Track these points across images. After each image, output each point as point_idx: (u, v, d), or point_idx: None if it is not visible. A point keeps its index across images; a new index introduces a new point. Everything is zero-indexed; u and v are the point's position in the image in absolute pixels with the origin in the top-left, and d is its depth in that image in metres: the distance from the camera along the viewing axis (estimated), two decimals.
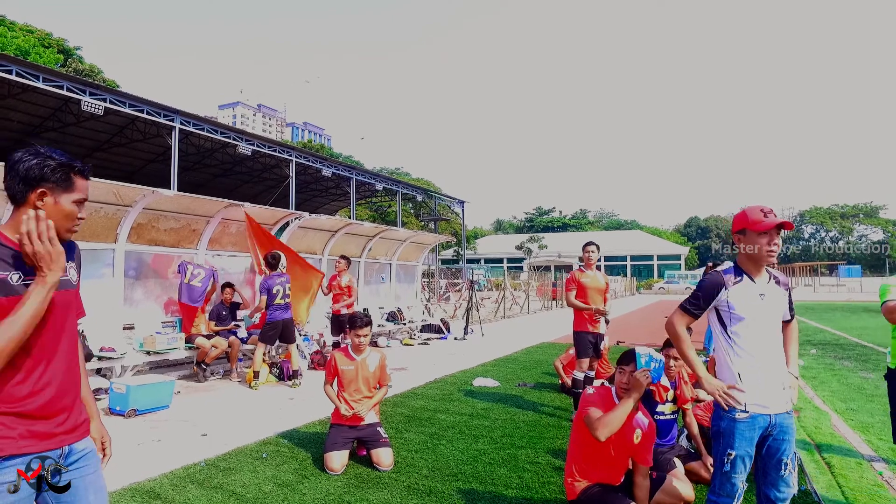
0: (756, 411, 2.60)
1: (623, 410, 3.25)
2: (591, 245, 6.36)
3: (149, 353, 7.37)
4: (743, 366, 2.65)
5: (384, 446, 4.48)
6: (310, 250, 11.08)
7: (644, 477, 3.43)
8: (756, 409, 2.61)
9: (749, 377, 2.63)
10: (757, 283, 2.70)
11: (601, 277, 6.40)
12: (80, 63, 41.87)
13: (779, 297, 2.74)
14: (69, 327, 1.84)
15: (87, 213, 6.81)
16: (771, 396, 2.62)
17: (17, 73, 14.63)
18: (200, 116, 21.34)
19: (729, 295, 2.69)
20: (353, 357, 4.75)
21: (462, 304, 20.02)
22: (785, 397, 2.66)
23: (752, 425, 2.61)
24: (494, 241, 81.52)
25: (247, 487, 4.00)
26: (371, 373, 4.74)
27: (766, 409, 2.60)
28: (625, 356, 3.56)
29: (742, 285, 2.69)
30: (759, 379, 2.62)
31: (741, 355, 2.66)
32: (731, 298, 2.68)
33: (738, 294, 2.68)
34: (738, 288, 2.69)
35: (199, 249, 8.78)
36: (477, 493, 3.98)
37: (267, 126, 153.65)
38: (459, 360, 9.96)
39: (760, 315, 2.66)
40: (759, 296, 2.67)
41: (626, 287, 48.26)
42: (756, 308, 2.66)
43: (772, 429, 2.64)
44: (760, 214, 2.65)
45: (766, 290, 2.70)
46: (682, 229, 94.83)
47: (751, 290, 2.69)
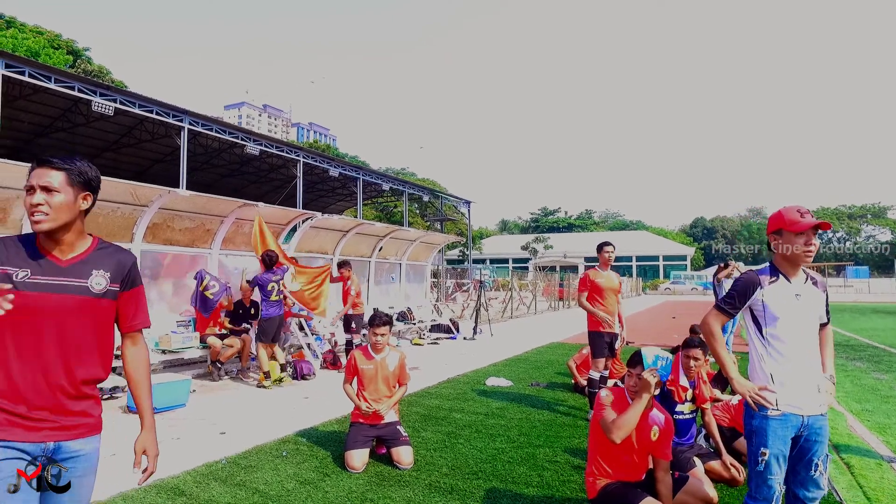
0: (789, 411, 2.59)
1: (635, 412, 3.26)
2: (609, 245, 6.34)
3: (164, 351, 7.42)
4: (776, 367, 2.64)
5: (404, 444, 4.50)
6: (321, 250, 11.12)
7: (665, 472, 3.44)
8: (788, 409, 2.59)
9: (782, 378, 2.62)
10: (793, 283, 2.69)
11: (615, 277, 6.38)
12: (90, 64, 42.11)
13: (815, 298, 2.71)
14: (67, 333, 1.81)
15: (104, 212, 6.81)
16: (805, 397, 2.61)
17: (29, 73, 14.71)
18: (209, 117, 21.41)
19: (764, 295, 2.68)
20: (372, 356, 4.77)
21: (469, 304, 20.05)
22: (819, 399, 2.64)
23: (785, 424, 2.60)
24: (500, 241, 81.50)
25: (269, 485, 4.03)
26: (391, 372, 4.76)
27: (799, 410, 2.59)
28: (632, 358, 3.58)
29: (777, 285, 2.68)
30: (792, 379, 2.61)
31: (775, 357, 2.65)
32: (767, 298, 2.67)
33: (773, 294, 2.67)
34: (774, 288, 2.67)
35: (212, 249, 8.83)
36: (498, 491, 4.00)
37: (272, 126, 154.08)
38: (471, 360, 9.98)
39: (796, 315, 2.64)
40: (794, 296, 2.65)
41: (632, 287, 48.20)
42: (791, 308, 2.64)
43: (804, 430, 2.62)
44: (797, 215, 2.64)
45: (802, 291, 2.67)
46: (688, 230, 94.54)
47: (787, 290, 2.67)
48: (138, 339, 2.09)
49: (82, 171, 1.87)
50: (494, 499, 3.86)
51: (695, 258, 74.37)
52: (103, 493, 3.78)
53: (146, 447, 2.06)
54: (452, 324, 14.07)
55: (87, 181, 1.88)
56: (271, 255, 7.95)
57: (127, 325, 2.04)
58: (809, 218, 2.63)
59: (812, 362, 2.66)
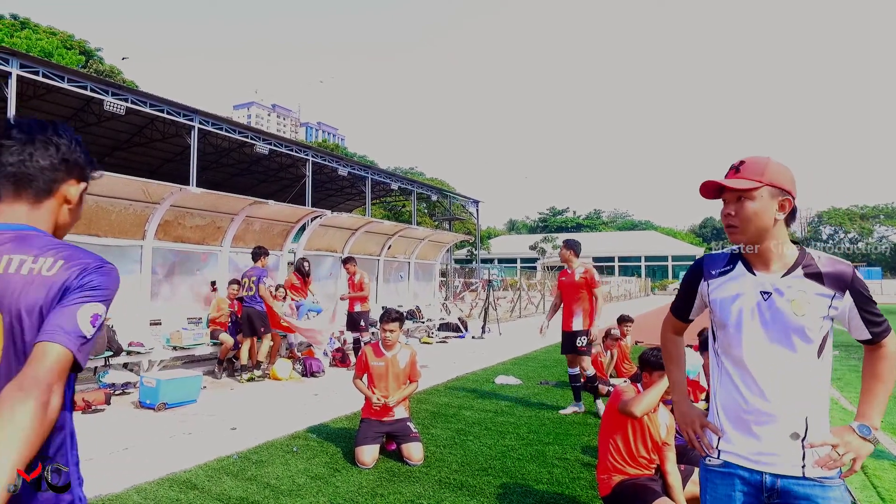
0: (735, 462, 1.79)
1: (657, 391, 3.35)
2: (566, 241, 6.40)
3: (175, 348, 7.48)
4: (724, 396, 1.83)
5: (414, 441, 4.52)
6: (330, 248, 11.16)
7: (674, 464, 3.46)
8: (733, 458, 1.79)
9: (732, 413, 1.80)
10: (760, 274, 1.77)
11: (578, 274, 6.21)
12: (101, 64, 42.48)
13: (808, 299, 1.70)
14: None
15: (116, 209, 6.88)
16: (763, 445, 1.74)
17: (43, 74, 14.87)
18: (219, 116, 21.55)
19: (709, 290, 1.88)
20: (382, 353, 4.78)
21: (478, 303, 20.06)
22: (796, 453, 1.71)
23: (728, 481, 1.80)
24: (508, 241, 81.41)
25: (280, 480, 4.05)
26: (401, 369, 4.76)
27: (753, 464, 1.76)
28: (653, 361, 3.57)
29: (728, 278, 1.83)
30: (746, 418, 1.77)
31: (724, 381, 1.84)
32: (713, 294, 1.86)
33: (720, 289, 1.84)
34: (721, 281, 1.85)
35: (223, 247, 8.89)
36: (508, 487, 4.00)
37: (281, 126, 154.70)
38: (479, 359, 9.98)
39: (756, 323, 1.75)
40: (758, 294, 1.75)
41: (641, 288, 47.99)
42: (748, 312, 1.76)
43: (773, 497, 1.74)
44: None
45: (778, 287, 1.73)
46: (698, 230, 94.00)
47: (743, 284, 1.79)
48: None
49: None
50: (504, 495, 3.86)
51: None
52: (117, 485, 3.82)
53: None
54: (461, 322, 14.08)
55: None
56: (256, 252, 7.96)
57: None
58: (728, 175, 1.80)
59: (789, 397, 1.72)
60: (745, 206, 1.73)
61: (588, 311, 6.16)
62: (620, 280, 43.16)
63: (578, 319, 6.15)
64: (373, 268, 12.35)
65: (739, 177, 1.74)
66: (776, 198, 1.72)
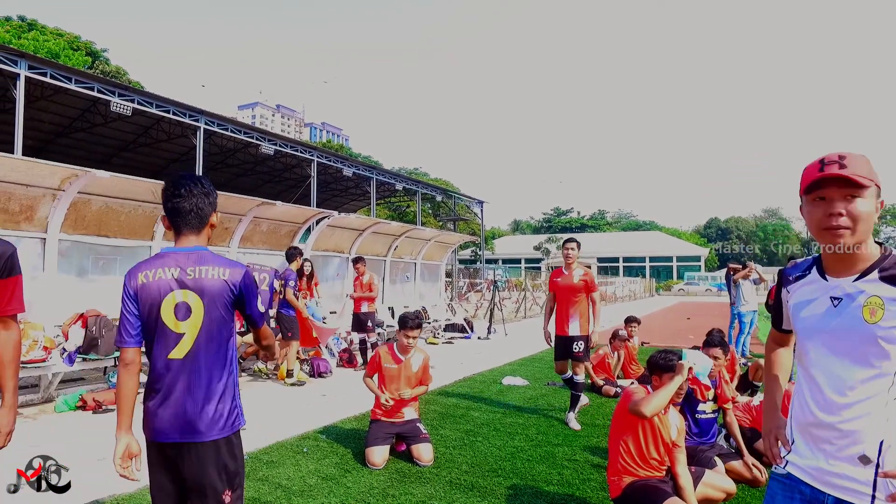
0: (797, 475, 1.70)
1: (667, 391, 3.36)
2: (571, 242, 5.96)
3: None
4: (798, 405, 1.76)
5: (424, 442, 4.53)
6: (337, 249, 11.19)
7: (684, 465, 3.47)
8: (798, 471, 1.70)
9: (801, 422, 1.73)
10: (832, 280, 1.66)
11: (577, 276, 5.82)
12: (107, 65, 42.64)
13: (879, 304, 1.55)
14: None
15: (126, 210, 6.98)
16: (829, 464, 1.61)
17: (51, 75, 14.95)
18: (224, 117, 21.62)
19: (789, 297, 1.81)
20: (398, 357, 4.76)
21: (483, 303, 20.05)
22: (865, 477, 1.55)
23: (790, 492, 1.72)
24: (512, 241, 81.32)
25: (292, 480, 4.07)
26: (414, 373, 4.77)
27: (814, 481, 1.64)
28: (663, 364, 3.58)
29: (804, 282, 1.74)
30: (810, 431, 1.68)
31: (797, 391, 1.77)
32: (791, 300, 1.79)
33: (797, 295, 1.76)
34: (799, 286, 1.76)
35: (231, 247, 8.92)
36: (518, 488, 4.01)
37: (286, 126, 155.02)
38: (486, 359, 9.99)
39: (827, 331, 1.63)
40: (829, 299, 1.64)
41: (646, 288, 47.87)
42: (820, 319, 1.65)
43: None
44: (816, 166, 1.62)
45: (850, 293, 1.60)
46: (702, 230, 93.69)
47: (817, 290, 1.68)
48: (11, 324, 2.21)
49: None
50: (515, 496, 3.87)
51: (709, 259, 73.69)
52: (132, 485, 3.84)
53: (0, 424, 2.16)
54: (467, 323, 14.09)
55: None
56: (292, 253, 8.03)
57: (1, 309, 2.16)
58: (831, 169, 1.57)
59: (860, 415, 1.56)
60: (858, 205, 1.56)
61: (585, 315, 5.81)
62: (625, 280, 43.04)
63: (575, 324, 5.76)
64: (379, 268, 12.37)
65: (847, 174, 1.55)
66: (877, 198, 1.60)
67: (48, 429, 5.31)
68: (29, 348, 5.84)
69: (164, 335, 2.11)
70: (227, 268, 2.17)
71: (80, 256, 7.10)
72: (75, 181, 6.51)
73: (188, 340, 2.11)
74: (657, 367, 3.57)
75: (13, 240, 6.35)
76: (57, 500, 3.55)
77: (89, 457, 4.44)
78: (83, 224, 6.99)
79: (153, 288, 2.11)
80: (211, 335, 2.14)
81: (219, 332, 2.16)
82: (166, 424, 2.11)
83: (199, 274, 2.11)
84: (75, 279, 7.02)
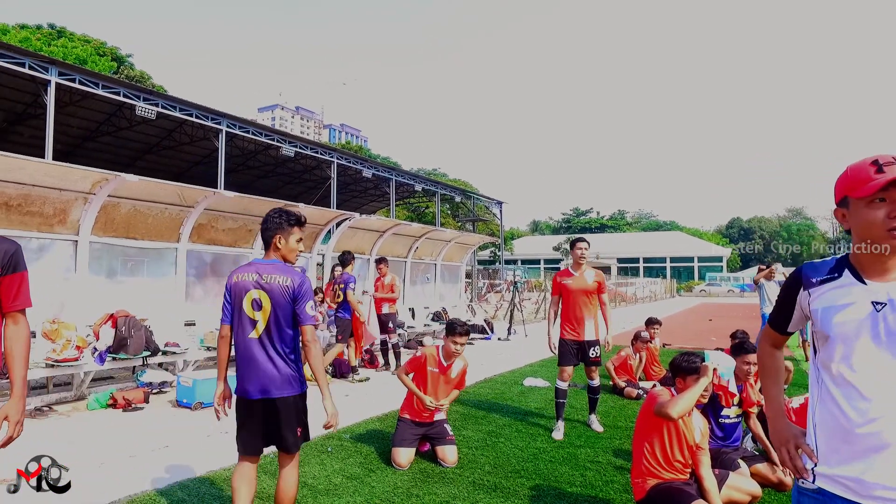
0: (830, 489, 1.62)
1: (693, 393, 3.38)
2: (582, 241, 5.58)
3: (209, 348, 7.65)
4: (824, 415, 1.67)
5: (450, 444, 4.58)
6: (358, 250, 11.28)
7: (708, 468, 3.48)
8: (830, 484, 1.62)
9: (830, 435, 1.65)
10: (871, 284, 1.61)
11: (590, 277, 5.57)
12: (132, 70, 43.50)
13: None
14: None
15: (153, 213, 7.16)
16: (873, 475, 1.54)
17: (79, 81, 15.34)
18: (246, 119, 21.93)
19: (811, 299, 1.72)
20: (443, 364, 4.77)
21: (502, 304, 20.03)
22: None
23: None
24: (531, 241, 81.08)
25: (317, 479, 4.13)
26: (452, 379, 4.81)
27: (853, 495, 1.57)
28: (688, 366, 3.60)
29: (834, 286, 1.68)
30: (850, 443, 1.59)
31: (825, 399, 1.68)
32: (815, 304, 1.70)
33: (825, 299, 1.68)
34: (826, 290, 1.68)
35: (254, 249, 9.06)
36: (541, 489, 4.02)
37: (305, 128, 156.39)
38: (506, 361, 10.00)
39: (870, 339, 1.58)
40: (870, 304, 1.59)
41: (667, 289, 47.36)
42: (860, 325, 1.59)
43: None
44: (870, 170, 1.58)
45: (892, 297, 1.58)
46: (724, 230, 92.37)
47: (854, 294, 1.63)
48: (19, 318, 2.29)
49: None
50: (538, 497, 3.89)
51: (731, 260, 72.64)
52: (161, 482, 3.95)
53: (8, 413, 2.23)
54: (487, 324, 14.11)
55: None
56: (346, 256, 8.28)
57: (8, 305, 2.24)
58: (893, 170, 1.54)
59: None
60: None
61: (597, 318, 5.60)
62: (645, 281, 42.64)
63: (591, 327, 5.53)
64: (400, 269, 12.45)
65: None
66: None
67: (81, 426, 5.46)
68: (62, 347, 6.01)
69: (244, 321, 2.96)
70: (288, 276, 2.97)
71: (109, 258, 7.28)
72: (105, 185, 6.68)
73: (261, 325, 2.94)
74: (680, 370, 3.57)
75: (46, 242, 6.56)
76: (94, 494, 3.67)
77: (122, 454, 4.57)
78: (112, 226, 7.17)
79: (240, 286, 2.99)
80: (278, 323, 2.93)
81: (284, 320, 2.95)
82: (250, 386, 2.94)
83: (269, 280, 2.95)
84: (105, 280, 7.19)
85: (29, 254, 6.40)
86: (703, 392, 3.43)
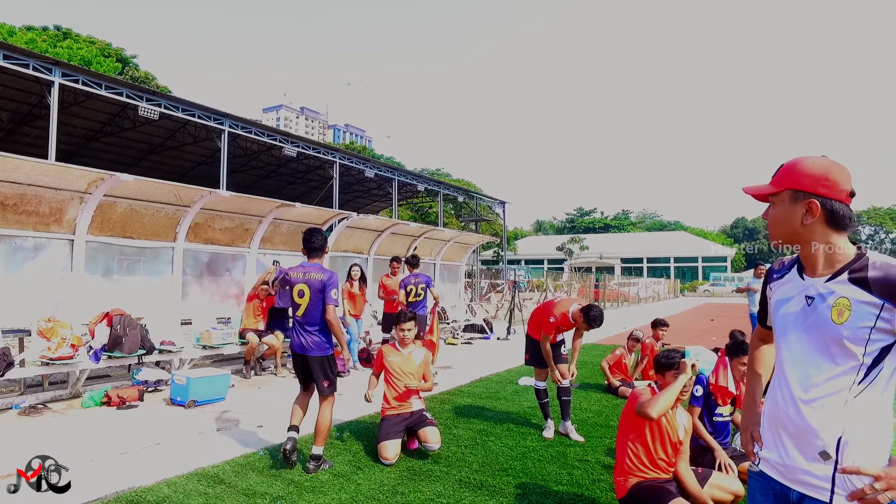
0: (767, 472, 1.75)
1: (672, 391, 3.35)
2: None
3: (205, 347, 7.68)
4: (768, 402, 1.79)
5: (431, 425, 4.73)
6: (357, 250, 11.30)
7: (686, 462, 3.49)
8: (767, 468, 1.75)
9: (770, 421, 1.76)
10: (807, 279, 1.69)
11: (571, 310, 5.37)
12: (136, 71, 43.73)
13: (846, 305, 1.57)
14: None
15: (149, 213, 7.25)
16: (792, 459, 1.65)
17: (83, 81, 15.43)
18: (248, 119, 21.99)
19: (771, 293, 1.86)
20: (399, 350, 5.04)
21: (503, 304, 20.03)
22: (823, 473, 1.58)
23: (764, 489, 1.76)
24: (535, 241, 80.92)
25: (304, 476, 4.15)
26: (416, 367, 4.98)
27: (780, 476, 1.70)
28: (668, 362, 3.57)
29: (785, 280, 1.79)
30: (777, 427, 1.72)
31: (772, 386, 1.79)
32: (773, 298, 1.84)
33: (779, 292, 1.80)
34: (780, 284, 1.81)
35: (251, 248, 9.10)
36: (527, 487, 4.02)
37: (309, 128, 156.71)
38: (503, 360, 10.00)
39: (795, 329, 1.69)
40: (804, 299, 1.68)
41: (670, 289, 47.20)
42: (790, 317, 1.71)
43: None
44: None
45: (820, 292, 1.64)
46: (729, 230, 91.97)
47: (795, 288, 1.72)
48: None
49: None
50: (523, 495, 3.89)
51: (736, 259, 72.29)
52: (149, 478, 3.97)
53: None
54: (486, 324, 14.10)
55: None
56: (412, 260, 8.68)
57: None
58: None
59: (822, 412, 1.60)
60: (771, 211, 1.75)
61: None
62: (649, 281, 42.50)
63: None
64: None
65: (772, 183, 1.72)
66: (800, 201, 1.64)
67: (74, 423, 5.50)
68: (57, 346, 6.06)
69: (294, 304, 4.42)
70: (322, 274, 4.41)
71: (105, 257, 7.32)
72: (101, 184, 6.72)
73: (303, 308, 4.38)
74: (661, 367, 3.56)
75: (42, 241, 6.61)
76: (81, 490, 3.69)
77: (113, 450, 4.60)
78: (109, 226, 7.21)
79: (292, 279, 4.45)
80: (315, 306, 4.36)
81: (318, 305, 4.36)
82: (296, 346, 4.44)
83: (309, 276, 4.40)
84: (101, 279, 7.23)
85: (25, 253, 6.50)
86: (683, 389, 3.42)
